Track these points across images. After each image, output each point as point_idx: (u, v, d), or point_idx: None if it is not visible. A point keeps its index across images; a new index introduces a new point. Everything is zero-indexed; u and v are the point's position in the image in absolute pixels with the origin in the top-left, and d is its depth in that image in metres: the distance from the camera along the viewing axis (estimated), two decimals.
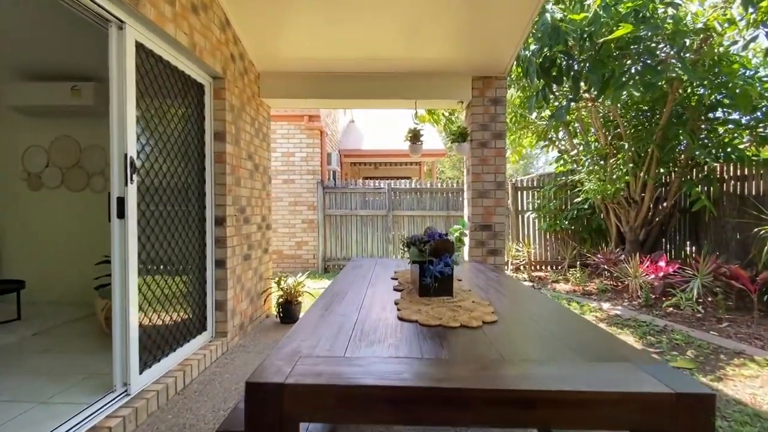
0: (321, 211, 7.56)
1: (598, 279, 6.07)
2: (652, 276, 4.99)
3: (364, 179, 17.58)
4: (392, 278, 2.35)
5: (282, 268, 7.65)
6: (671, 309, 4.58)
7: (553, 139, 7.18)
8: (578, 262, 6.61)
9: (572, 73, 4.22)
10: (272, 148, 7.72)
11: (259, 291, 4.06)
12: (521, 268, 7.11)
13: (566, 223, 6.90)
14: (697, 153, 4.98)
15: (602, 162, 6.04)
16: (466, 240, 4.26)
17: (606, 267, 5.84)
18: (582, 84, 4.58)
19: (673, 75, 4.17)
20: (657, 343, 3.69)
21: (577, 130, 7.15)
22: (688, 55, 4.29)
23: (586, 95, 5.59)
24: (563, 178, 7.17)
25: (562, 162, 7.31)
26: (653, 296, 4.91)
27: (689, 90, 5.20)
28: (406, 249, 2.05)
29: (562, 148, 7.31)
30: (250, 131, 3.86)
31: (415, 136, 4.05)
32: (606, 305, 4.91)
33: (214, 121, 3.26)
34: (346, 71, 4.03)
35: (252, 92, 3.89)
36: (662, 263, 5.05)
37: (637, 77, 3.97)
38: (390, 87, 4.06)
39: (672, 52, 4.23)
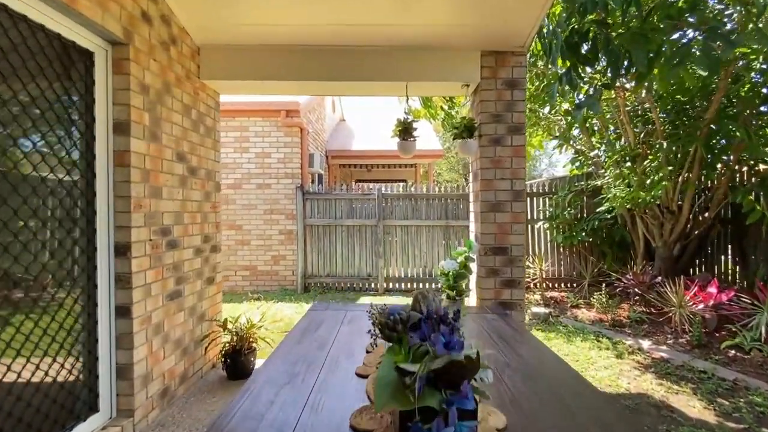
0: (300, 220, 6.54)
1: (627, 304, 5.09)
2: (701, 305, 4.03)
3: (356, 182, 16.61)
4: (358, 374, 1.34)
5: (256, 287, 6.63)
6: (733, 352, 3.60)
7: (568, 137, 6.22)
8: (602, 283, 5.64)
9: (609, 47, 3.24)
10: (245, 147, 6.72)
11: (197, 337, 3.04)
12: (533, 286, 6.12)
13: (584, 234, 5.92)
14: (753, 151, 4.03)
15: (631, 164, 5.08)
16: (474, 267, 3.27)
17: (638, 291, 4.87)
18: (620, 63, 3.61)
19: (747, 49, 3.21)
20: (734, 411, 2.71)
21: (595, 127, 6.20)
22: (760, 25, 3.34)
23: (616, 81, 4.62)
24: (580, 183, 6.20)
25: (577, 164, 6.36)
26: (705, 331, 3.94)
27: (744, 77, 4.25)
28: (377, 335, 1.06)
29: (578, 147, 6.35)
30: (183, 123, 2.85)
31: (405, 131, 3.06)
32: (646, 343, 3.93)
33: (113, 106, 2.25)
34: (317, 43, 3.03)
35: (185, 71, 2.89)
36: (713, 289, 4.08)
37: (698, 52, 3.00)
38: (374, 65, 3.07)
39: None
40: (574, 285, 6.22)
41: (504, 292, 3.06)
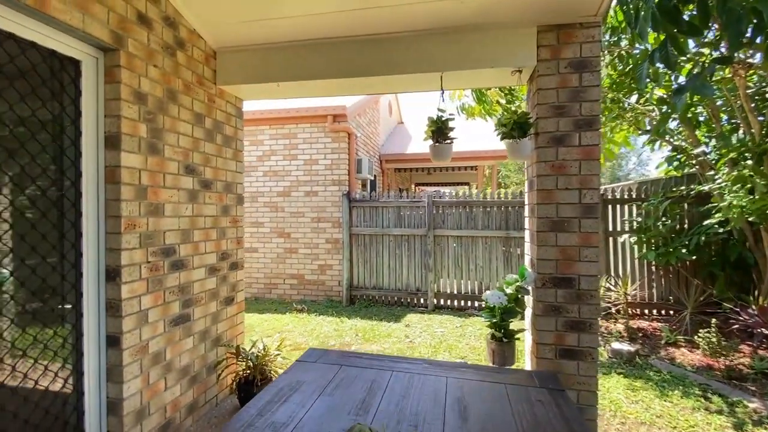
0: (346, 229, 6.25)
1: (749, 347, 3.90)
2: None
3: (416, 186, 16.08)
4: None
5: (303, 296, 6.49)
6: None
7: (663, 131, 5.05)
8: (711, 314, 4.43)
9: (727, 6, 2.35)
10: (293, 154, 6.63)
11: (211, 363, 2.82)
12: (614, 313, 5.08)
13: (684, 251, 4.73)
14: None
15: (755, 163, 3.88)
16: (529, 301, 2.61)
17: (766, 330, 3.67)
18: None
19: None
20: None
21: (700, 117, 4.96)
22: None
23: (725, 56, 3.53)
24: (680, 187, 5.00)
25: (676, 163, 5.16)
26: None
27: None
28: None
29: (677, 143, 5.14)
30: (194, 133, 2.64)
31: (439, 132, 2.51)
32: None
33: (104, 118, 2.07)
34: (339, 35, 2.64)
35: (197, 76, 2.68)
36: None
37: None
38: (401, 55, 2.58)
39: None
40: (671, 314, 5.02)
41: (568, 337, 2.35)
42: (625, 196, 5.49)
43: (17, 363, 1.76)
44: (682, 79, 3.99)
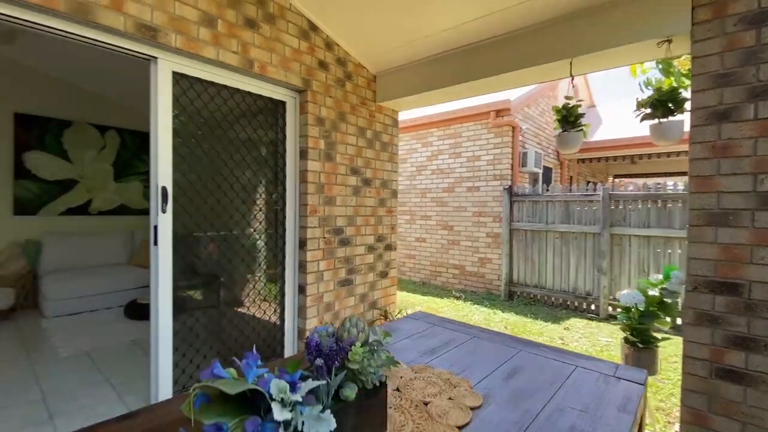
0: (506, 224, 6.22)
1: None
2: None
3: (615, 178, 13.70)
4: None
5: (464, 286, 6.86)
6: None
7: None
8: None
9: None
10: (458, 153, 7.05)
11: (367, 321, 3.60)
12: None
13: None
14: None
15: None
16: (679, 304, 2.24)
17: None
18: None
19: None
20: None
21: None
22: None
23: None
24: None
25: None
26: None
27: None
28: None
29: None
30: (357, 143, 3.44)
31: (565, 120, 2.45)
32: None
33: (299, 138, 3.06)
34: (472, 41, 2.93)
35: (360, 98, 3.46)
36: None
37: None
38: (522, 50, 2.63)
39: None
40: None
41: (730, 355, 1.93)
42: None
43: (255, 299, 2.89)
44: None
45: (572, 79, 2.51)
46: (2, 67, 4.37)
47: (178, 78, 2.37)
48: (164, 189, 2.30)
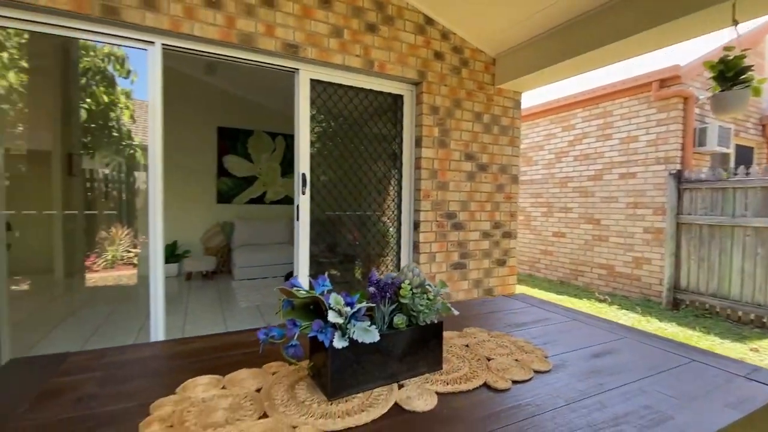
0: (672, 216, 5.11)
1: None
2: None
3: None
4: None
5: (612, 289, 5.96)
6: None
7: None
8: None
9: None
10: (607, 134, 6.15)
11: None
12: None
13: None
14: None
15: None
16: None
17: None
18: None
19: None
20: None
21: None
22: None
23: None
24: None
25: None
26: None
27: None
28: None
29: None
30: (473, 128, 3.45)
31: (722, 76, 1.96)
32: None
33: (414, 127, 3.27)
34: (584, 10, 2.63)
35: (477, 84, 3.45)
36: None
37: None
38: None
39: None
40: None
41: None
42: None
43: (375, 267, 3.25)
44: None
45: (735, 26, 1.98)
46: (208, 92, 5.96)
47: (314, 84, 2.88)
48: (303, 175, 2.84)
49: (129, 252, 6.30)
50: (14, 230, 4.42)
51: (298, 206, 2.85)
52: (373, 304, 1.01)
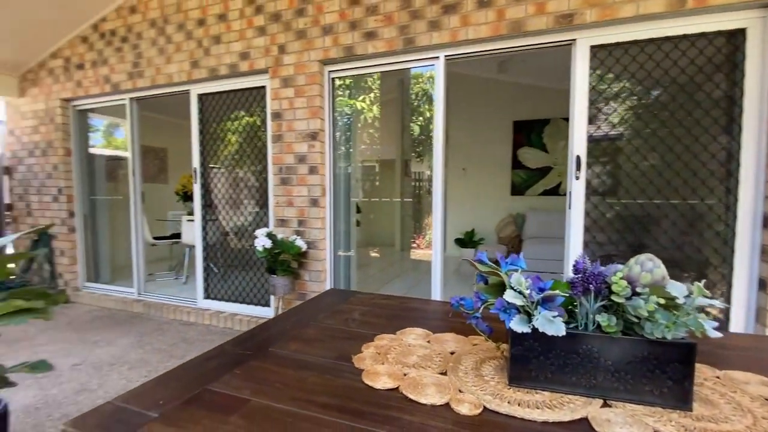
0: None
1: None
2: None
3: None
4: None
5: None
6: None
7: None
8: None
9: None
10: None
11: None
12: None
13: None
14: None
15: None
16: None
17: None
18: None
19: None
20: None
21: None
22: None
23: None
24: None
25: None
26: None
27: None
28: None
29: None
30: None
31: None
32: None
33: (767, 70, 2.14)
34: None
35: None
36: None
37: None
38: None
39: None
40: None
41: None
42: None
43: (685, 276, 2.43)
44: None
45: None
46: (503, 89, 6.24)
47: (595, 51, 2.49)
48: (578, 158, 2.53)
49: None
50: (369, 214, 6.50)
51: (570, 193, 2.58)
52: (570, 296, 0.85)
